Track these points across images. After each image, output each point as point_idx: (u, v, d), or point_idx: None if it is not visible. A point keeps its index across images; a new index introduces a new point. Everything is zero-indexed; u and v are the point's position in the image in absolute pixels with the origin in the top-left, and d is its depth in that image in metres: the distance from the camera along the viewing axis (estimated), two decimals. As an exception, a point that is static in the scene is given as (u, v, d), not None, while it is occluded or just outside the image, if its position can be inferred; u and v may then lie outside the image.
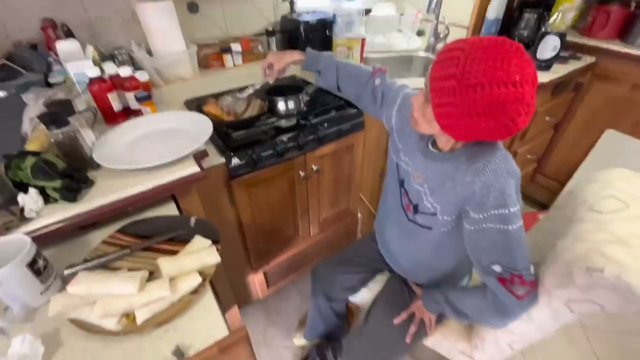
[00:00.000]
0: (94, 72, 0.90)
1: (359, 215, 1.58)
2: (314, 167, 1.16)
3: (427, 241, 0.83)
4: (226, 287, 1.18)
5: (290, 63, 0.98)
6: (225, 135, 1.00)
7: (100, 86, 0.92)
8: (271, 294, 1.49)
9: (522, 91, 0.53)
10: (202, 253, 0.63)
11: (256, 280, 1.36)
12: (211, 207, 1.02)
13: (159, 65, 1.25)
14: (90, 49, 1.03)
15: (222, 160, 0.94)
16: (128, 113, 1.04)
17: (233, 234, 1.15)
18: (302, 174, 1.14)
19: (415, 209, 0.82)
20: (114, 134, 0.87)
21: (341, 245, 1.62)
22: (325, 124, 1.10)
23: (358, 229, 1.64)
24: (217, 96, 1.26)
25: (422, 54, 1.67)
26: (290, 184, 1.16)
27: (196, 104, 1.22)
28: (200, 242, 0.67)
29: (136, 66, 1.30)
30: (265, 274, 1.37)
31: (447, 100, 0.58)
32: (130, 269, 0.62)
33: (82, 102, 0.98)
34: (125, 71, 0.95)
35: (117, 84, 0.98)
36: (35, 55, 1.08)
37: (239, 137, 0.99)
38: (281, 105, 1.05)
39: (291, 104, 1.05)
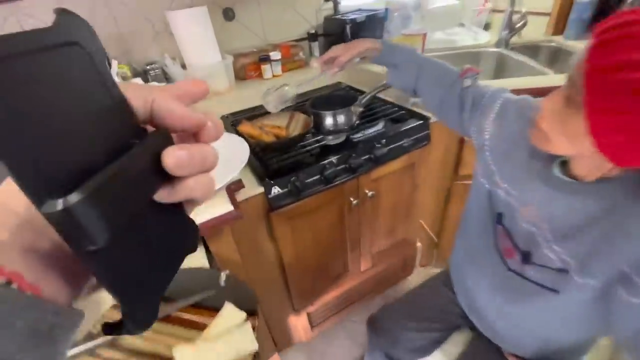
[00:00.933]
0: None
1: (418, 244, 1.33)
2: (368, 193, 0.95)
3: (547, 308, 0.59)
4: (264, 332, 1.00)
5: (362, 53, 0.80)
6: (263, 159, 0.83)
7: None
8: (315, 335, 1.29)
9: None
10: (234, 336, 0.45)
11: (299, 323, 1.17)
12: (247, 244, 0.85)
13: (193, 79, 1.13)
14: (114, 65, 0.92)
15: (260, 190, 0.77)
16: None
17: (273, 273, 0.98)
18: (354, 201, 0.94)
19: (526, 258, 0.59)
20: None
21: (397, 278, 1.39)
22: (383, 141, 0.89)
23: (417, 260, 1.40)
24: (252, 115, 1.11)
25: (492, 49, 1.40)
26: (340, 213, 0.96)
27: (231, 121, 1.08)
28: (231, 315, 0.49)
29: (170, 81, 1.20)
30: (308, 314, 1.18)
31: (626, 104, 0.35)
32: (139, 353, 0.45)
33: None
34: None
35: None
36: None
37: (280, 161, 0.82)
38: (329, 121, 0.86)
39: (341, 118, 0.86)
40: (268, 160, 0.82)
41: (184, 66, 1.16)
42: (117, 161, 0.16)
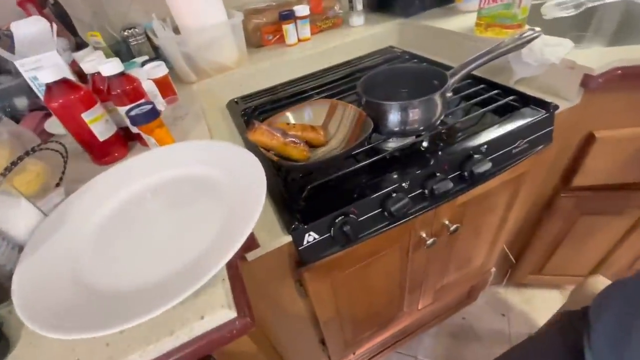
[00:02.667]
0: (54, 72, 0.47)
1: (493, 269, 1.00)
2: (451, 226, 0.62)
3: None
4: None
5: None
6: (290, 187, 0.51)
7: (66, 99, 0.49)
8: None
9: None
10: None
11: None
12: (264, 305, 0.57)
13: (190, 49, 0.80)
14: (47, 27, 0.60)
15: (286, 239, 0.46)
16: (131, 138, 0.61)
17: (303, 328, 0.70)
18: (428, 239, 0.61)
19: None
20: (81, 200, 0.44)
21: (458, 306, 1.08)
22: (484, 147, 0.54)
23: (486, 285, 1.07)
24: (272, 104, 0.78)
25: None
26: (403, 256, 0.65)
27: (242, 109, 0.75)
28: None
29: (159, 53, 0.88)
30: (348, 362, 0.91)
31: None
32: None
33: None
34: (109, 67, 0.50)
35: (104, 91, 0.55)
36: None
37: (317, 190, 0.49)
38: (396, 116, 0.51)
39: (417, 112, 0.51)
40: (297, 190, 0.49)
41: (176, 30, 0.83)
42: None
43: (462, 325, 1.18)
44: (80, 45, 0.80)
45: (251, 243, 0.40)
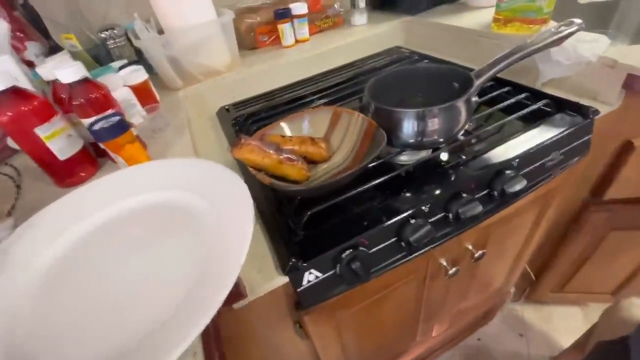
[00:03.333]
0: (1, 79, 0.39)
1: (512, 289, 0.91)
2: (475, 252, 0.53)
3: None
4: None
5: None
6: (286, 215, 0.42)
7: (16, 111, 0.41)
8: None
9: None
10: None
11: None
12: (260, 351, 0.48)
13: (175, 51, 0.72)
14: (4, 29, 0.52)
15: (281, 280, 0.37)
16: (102, 154, 0.53)
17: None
18: (450, 269, 0.52)
19: None
20: (25, 237, 0.35)
21: (474, 328, 0.99)
22: (515, 161, 0.46)
23: (504, 305, 0.98)
24: (267, 112, 0.70)
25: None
26: (419, 286, 0.56)
27: (233, 118, 0.67)
28: None
29: (142, 56, 0.80)
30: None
31: None
32: None
33: None
34: (68, 72, 0.42)
35: (65, 100, 0.46)
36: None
37: (319, 218, 0.41)
38: (411, 127, 0.43)
39: (436, 122, 0.42)
40: (295, 216, 0.41)
41: (161, 32, 0.75)
42: None
43: (477, 347, 1.08)
44: (54, 49, 0.72)
45: (235, 294, 0.32)
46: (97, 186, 0.39)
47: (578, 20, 0.46)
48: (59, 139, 0.45)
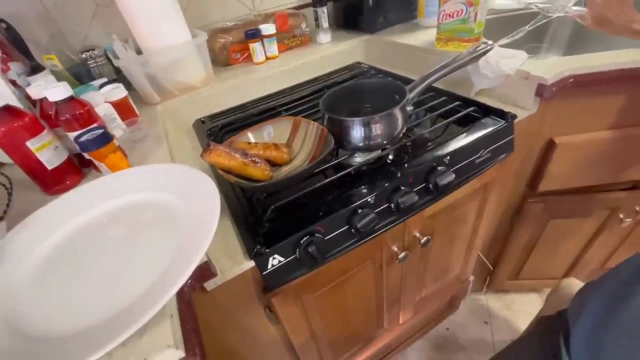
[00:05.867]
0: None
1: (471, 277, 1.00)
2: (421, 238, 0.61)
3: None
4: None
5: None
6: (252, 208, 0.49)
7: (9, 127, 0.46)
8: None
9: None
10: None
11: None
12: (235, 335, 0.54)
13: (153, 69, 0.78)
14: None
15: (249, 264, 0.44)
16: (86, 164, 0.58)
17: (279, 357, 0.67)
18: (400, 253, 0.60)
19: None
20: (19, 236, 0.41)
21: (441, 317, 1.07)
22: (447, 159, 0.54)
23: (466, 294, 1.07)
24: (237, 122, 0.77)
25: (571, 8, 1.00)
26: (376, 272, 0.64)
27: (208, 129, 0.73)
28: None
29: (120, 75, 0.86)
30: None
31: None
32: None
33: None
34: (56, 92, 0.48)
35: (53, 117, 0.52)
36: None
37: (281, 210, 0.48)
38: (359, 132, 0.51)
39: (379, 127, 0.51)
40: (261, 211, 0.48)
41: (139, 51, 0.81)
42: None
43: (446, 337, 1.17)
44: (35, 69, 0.77)
45: (207, 273, 0.38)
46: (85, 189, 0.45)
47: (490, 41, 0.56)
48: (47, 150, 0.50)
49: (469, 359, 1.10)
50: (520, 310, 1.21)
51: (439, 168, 0.53)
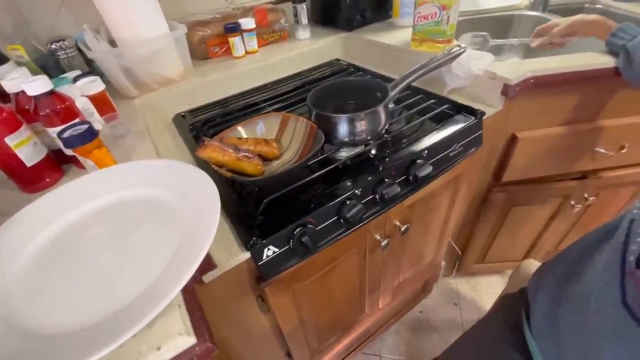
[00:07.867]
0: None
1: (443, 263, 1.08)
2: (401, 227, 0.66)
3: None
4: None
5: (585, 27, 0.69)
6: (246, 203, 0.51)
7: (-17, 122, 0.44)
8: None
9: None
10: None
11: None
12: (228, 324, 0.55)
13: (129, 62, 0.76)
14: None
15: (244, 256, 0.46)
16: (65, 161, 0.56)
17: (269, 345, 0.69)
18: (382, 241, 0.65)
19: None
20: (7, 235, 0.40)
21: (416, 301, 1.15)
22: (425, 152, 0.59)
23: (439, 279, 1.15)
24: (222, 117, 0.77)
25: (528, 12, 1.09)
26: (360, 259, 0.67)
27: (190, 124, 0.73)
28: None
29: (94, 67, 0.82)
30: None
31: None
32: None
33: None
34: (36, 86, 0.46)
35: (30, 111, 0.50)
36: None
37: (274, 204, 0.50)
38: (345, 129, 0.54)
39: (364, 124, 0.54)
40: (254, 205, 0.49)
41: (112, 42, 0.78)
42: None
43: (420, 319, 1.25)
44: (0, 60, 0.72)
45: (207, 265, 0.39)
46: (76, 185, 0.44)
47: (463, 45, 0.61)
48: (26, 147, 0.48)
49: (441, 338, 1.19)
50: (485, 291, 1.32)
51: (418, 161, 0.57)
